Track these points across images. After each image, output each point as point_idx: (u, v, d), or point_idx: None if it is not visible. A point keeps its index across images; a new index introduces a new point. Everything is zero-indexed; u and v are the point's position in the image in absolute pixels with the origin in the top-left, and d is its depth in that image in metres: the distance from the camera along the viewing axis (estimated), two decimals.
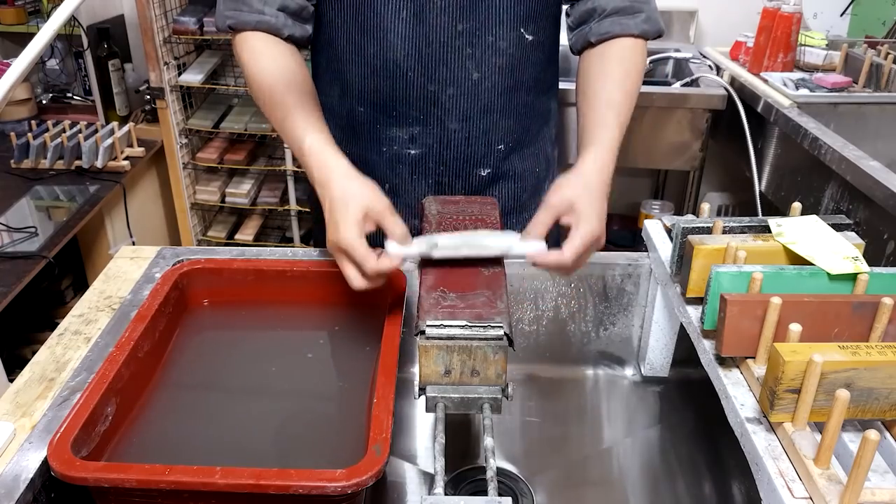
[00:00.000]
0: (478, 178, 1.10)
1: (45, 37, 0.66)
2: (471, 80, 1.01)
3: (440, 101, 1.02)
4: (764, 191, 1.78)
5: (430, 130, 1.04)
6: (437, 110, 1.03)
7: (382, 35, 0.98)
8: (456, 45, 0.98)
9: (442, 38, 0.98)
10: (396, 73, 1.00)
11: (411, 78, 1.00)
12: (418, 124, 1.04)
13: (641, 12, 0.99)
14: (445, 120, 1.04)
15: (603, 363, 1.06)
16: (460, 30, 0.98)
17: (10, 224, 1.82)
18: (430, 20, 0.97)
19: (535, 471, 0.92)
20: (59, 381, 0.78)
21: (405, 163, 1.08)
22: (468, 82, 1.01)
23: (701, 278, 0.76)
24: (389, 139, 1.06)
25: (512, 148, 1.09)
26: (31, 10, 2.42)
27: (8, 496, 0.64)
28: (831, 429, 0.55)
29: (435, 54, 0.99)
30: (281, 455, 0.73)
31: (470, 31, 0.98)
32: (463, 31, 0.98)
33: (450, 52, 0.99)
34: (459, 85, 1.01)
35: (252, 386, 0.82)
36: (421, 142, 1.05)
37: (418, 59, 0.99)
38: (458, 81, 1.01)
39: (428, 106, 1.03)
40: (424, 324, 0.70)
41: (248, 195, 2.46)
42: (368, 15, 0.98)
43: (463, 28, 0.98)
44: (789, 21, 1.82)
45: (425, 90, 1.01)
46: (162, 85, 2.26)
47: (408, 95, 1.02)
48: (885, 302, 0.64)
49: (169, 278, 0.89)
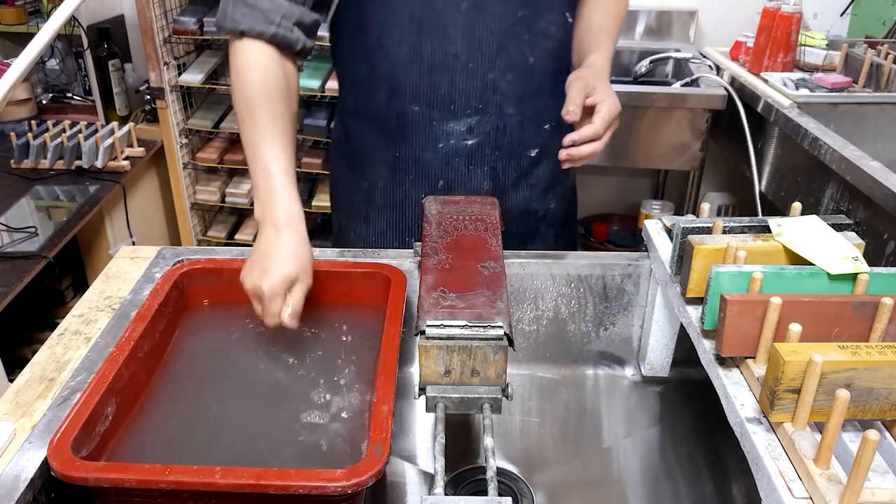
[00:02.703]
0: (528, 160, 1.12)
1: (45, 37, 0.66)
2: (527, 65, 1.05)
3: (499, 88, 1.04)
4: (764, 191, 1.78)
5: (488, 119, 1.06)
6: (496, 97, 1.05)
7: (441, 30, 1.00)
8: (516, 32, 1.02)
9: (503, 26, 1.01)
10: (456, 66, 1.02)
11: (472, 68, 1.02)
12: (476, 114, 1.06)
13: None
14: (503, 106, 1.06)
15: (603, 363, 1.06)
16: (520, 16, 1.01)
17: (10, 224, 1.81)
18: (491, 9, 0.99)
19: (535, 471, 0.92)
20: (59, 381, 0.78)
21: (462, 154, 1.08)
22: (525, 66, 1.04)
23: (701, 278, 0.76)
24: (446, 134, 1.07)
25: (555, 127, 1.11)
26: (31, 10, 2.42)
27: (8, 496, 0.64)
28: (831, 429, 0.55)
29: (495, 42, 1.01)
30: (281, 455, 0.73)
31: (528, 18, 1.02)
32: (522, 18, 1.01)
33: (509, 39, 1.02)
34: (517, 70, 1.04)
35: (252, 386, 0.82)
36: (478, 131, 1.07)
37: (479, 48, 1.01)
38: (516, 66, 1.04)
39: (487, 94, 1.04)
40: (424, 324, 0.70)
41: (248, 195, 2.46)
42: (425, 12, 0.99)
43: (523, 14, 1.01)
44: (789, 21, 1.82)
45: (485, 78, 1.03)
46: (162, 85, 2.26)
47: (468, 87, 1.04)
48: (885, 302, 0.64)
49: (169, 278, 0.89)
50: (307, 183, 2.50)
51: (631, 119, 1.94)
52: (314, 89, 2.25)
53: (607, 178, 2.59)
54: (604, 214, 2.56)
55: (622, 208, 2.59)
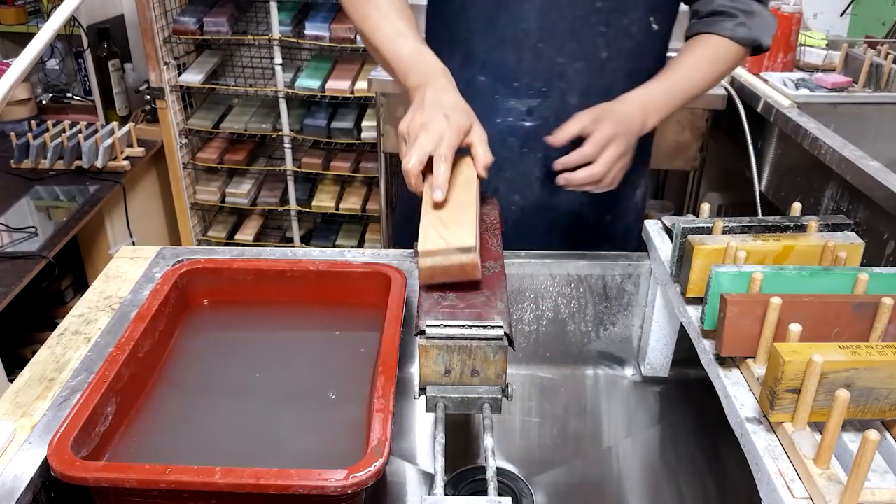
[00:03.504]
0: None
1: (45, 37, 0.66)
2: (599, 58, 1.03)
3: (566, 75, 1.04)
4: (764, 191, 1.78)
5: (550, 103, 1.06)
6: (562, 84, 1.04)
7: (518, 5, 1.00)
8: (591, 22, 1.01)
9: (578, 13, 1.00)
10: (526, 44, 1.02)
11: (541, 49, 1.02)
12: (539, 96, 1.05)
13: (736, 17, 1.05)
14: (567, 94, 1.05)
15: (603, 363, 1.06)
16: (598, 7, 1.00)
17: (10, 224, 1.82)
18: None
19: (535, 471, 0.92)
20: (59, 381, 0.78)
21: (518, 135, 1.08)
22: (596, 60, 1.03)
23: (701, 278, 0.76)
24: (507, 110, 1.07)
25: None
26: (31, 10, 2.42)
27: (8, 496, 0.64)
28: (831, 429, 0.55)
29: (568, 28, 1.01)
30: (281, 455, 0.73)
31: (607, 11, 1.01)
32: (601, 9, 1.01)
33: (584, 27, 1.01)
34: (587, 60, 1.03)
35: (252, 386, 0.82)
36: (538, 114, 1.06)
37: (551, 31, 1.01)
38: (586, 57, 1.03)
39: (553, 78, 1.04)
40: (424, 324, 0.70)
41: (248, 195, 2.46)
42: None
43: (602, 6, 1.00)
44: (789, 21, 1.82)
45: (553, 62, 1.03)
46: (162, 85, 2.26)
47: (535, 67, 1.03)
48: (885, 302, 0.64)
49: (169, 278, 0.89)
50: (307, 183, 2.50)
51: None
52: (314, 89, 2.25)
53: None
54: None
55: None
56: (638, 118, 0.96)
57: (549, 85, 1.05)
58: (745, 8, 1.05)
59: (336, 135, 2.35)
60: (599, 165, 0.91)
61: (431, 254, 0.72)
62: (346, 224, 2.57)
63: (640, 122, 0.97)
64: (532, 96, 1.05)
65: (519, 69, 1.04)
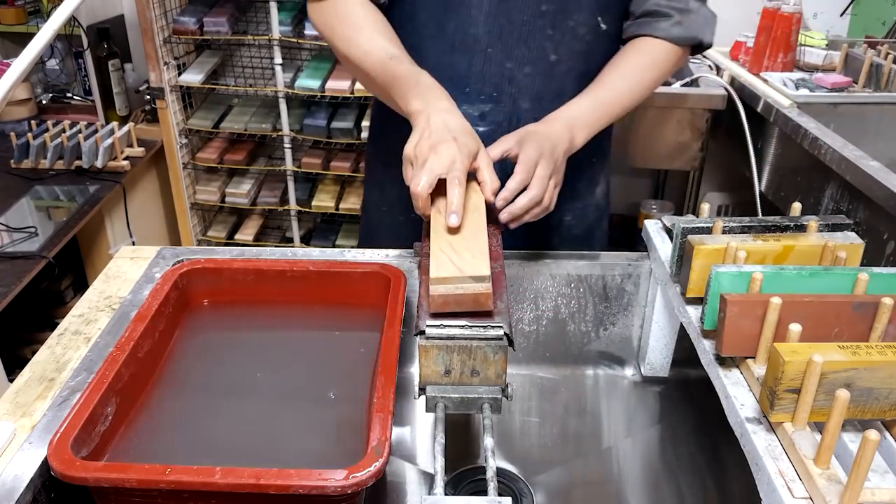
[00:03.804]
0: None
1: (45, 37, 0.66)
2: (548, 62, 1.03)
3: (516, 79, 1.04)
4: (764, 191, 1.78)
5: (502, 108, 1.06)
6: (512, 88, 1.05)
7: (465, 10, 1.00)
8: (538, 25, 1.01)
9: (525, 17, 1.00)
10: (475, 49, 1.02)
11: (490, 54, 1.02)
12: (491, 101, 1.05)
13: (671, 17, 1.03)
14: (518, 99, 1.05)
15: (603, 363, 1.06)
16: (544, 10, 1.00)
17: (10, 224, 1.82)
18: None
19: (535, 471, 0.92)
20: (59, 381, 0.78)
21: None
22: (545, 63, 1.03)
23: (701, 278, 0.76)
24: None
25: None
26: (31, 10, 2.42)
27: (8, 496, 0.64)
28: (831, 429, 0.55)
29: (516, 32, 1.01)
30: (281, 455, 0.73)
31: (553, 13, 1.01)
32: (547, 12, 1.00)
33: (531, 31, 1.01)
34: (536, 64, 1.03)
35: (252, 386, 0.82)
36: (491, 119, 1.07)
37: (499, 35, 1.01)
38: (535, 61, 1.03)
39: (503, 83, 1.04)
40: (424, 324, 0.70)
41: (248, 195, 2.46)
42: None
43: (547, 9, 1.00)
44: (789, 21, 1.82)
45: (503, 67, 1.03)
46: (162, 85, 2.26)
47: (485, 72, 1.04)
48: (885, 302, 0.64)
49: (169, 278, 0.89)
50: (307, 183, 2.50)
51: (631, 119, 1.94)
52: (314, 89, 2.25)
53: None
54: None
55: (622, 208, 2.59)
56: (564, 137, 0.94)
57: (500, 90, 1.05)
58: (680, 6, 1.03)
59: (336, 135, 2.35)
60: (535, 188, 0.87)
61: (444, 281, 0.71)
62: (346, 224, 2.56)
63: (567, 140, 0.94)
64: (484, 101, 1.05)
65: (469, 74, 1.04)
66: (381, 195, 1.20)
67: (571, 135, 0.96)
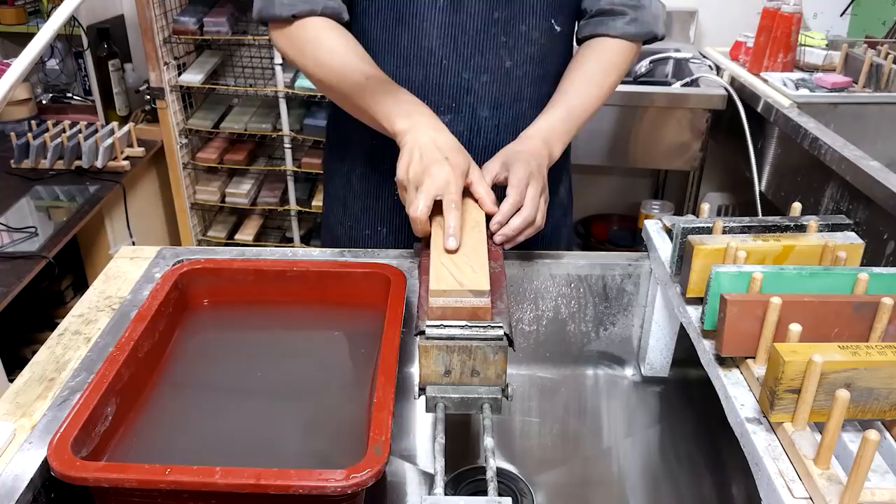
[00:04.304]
0: None
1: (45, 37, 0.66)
2: (503, 68, 1.04)
3: (473, 89, 1.04)
4: (764, 191, 1.78)
5: (462, 118, 1.06)
6: (470, 97, 1.05)
7: (418, 23, 1.00)
8: (491, 33, 1.01)
9: (478, 26, 1.00)
10: (430, 62, 1.02)
11: (445, 65, 1.02)
12: (450, 112, 1.05)
13: (625, 15, 1.04)
14: (477, 107, 1.05)
15: (603, 363, 1.06)
16: (496, 17, 1.00)
17: (10, 224, 1.82)
18: (466, 8, 0.99)
19: (535, 471, 0.92)
20: (59, 381, 0.78)
21: None
22: (501, 70, 1.04)
23: (701, 278, 0.76)
24: None
25: None
26: (31, 10, 2.42)
27: (8, 496, 0.64)
28: (831, 429, 0.55)
29: (470, 42, 1.01)
30: (281, 455, 0.73)
31: (505, 20, 1.01)
32: (498, 19, 1.00)
33: (485, 40, 1.01)
34: (493, 72, 1.03)
35: (252, 386, 0.82)
36: (452, 129, 1.04)
37: (453, 46, 1.01)
38: (491, 69, 1.03)
39: (461, 93, 1.04)
40: (424, 324, 0.70)
41: (248, 195, 2.46)
42: (404, 3, 0.99)
43: (499, 16, 1.00)
44: (789, 21, 1.82)
45: (459, 77, 1.03)
46: (162, 85, 2.26)
47: (441, 83, 1.04)
48: (885, 302, 0.64)
49: (169, 278, 0.89)
50: (307, 183, 2.50)
51: (631, 119, 1.94)
52: (314, 89, 2.25)
53: (607, 178, 2.59)
54: (604, 214, 2.56)
55: (622, 208, 2.59)
56: (544, 152, 0.96)
57: (458, 100, 1.05)
58: (633, 3, 1.04)
59: None
60: (528, 209, 0.88)
61: (444, 293, 0.71)
62: None
63: (547, 155, 0.96)
64: (443, 112, 1.04)
65: (426, 87, 1.03)
66: (343, 211, 1.19)
67: (550, 149, 0.98)
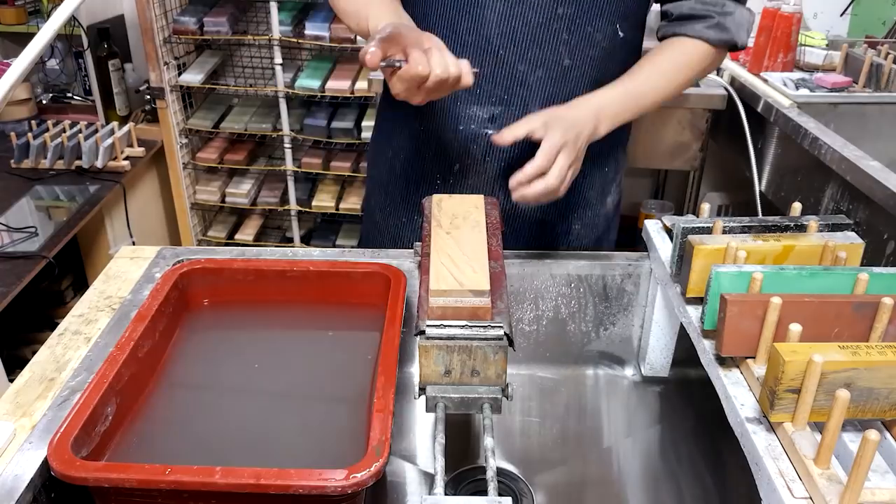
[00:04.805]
0: None
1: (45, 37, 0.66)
2: (561, 66, 1.02)
3: (527, 83, 1.03)
4: (764, 191, 1.78)
5: (512, 111, 1.04)
6: (523, 91, 1.03)
7: (478, 11, 0.99)
8: (553, 28, 0.99)
9: (540, 19, 0.99)
10: (487, 50, 1.01)
11: (502, 56, 1.01)
12: (501, 104, 1.04)
13: (708, 18, 1.02)
14: (529, 102, 1.04)
15: (603, 363, 1.06)
16: (560, 13, 0.99)
17: (10, 224, 1.82)
18: (530, 0, 0.98)
19: (535, 471, 0.92)
20: (59, 381, 0.78)
21: (480, 143, 1.07)
22: (558, 67, 1.02)
23: (701, 278, 0.76)
24: (468, 117, 1.06)
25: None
26: (31, 10, 2.42)
27: (8, 496, 0.64)
28: (831, 429, 0.55)
29: (530, 34, 1.00)
30: (281, 455, 0.73)
31: (570, 17, 0.99)
32: (563, 16, 0.99)
33: (545, 35, 1.00)
34: (549, 68, 1.02)
35: (252, 386, 0.82)
36: (500, 122, 1.05)
37: (512, 37, 1.00)
38: (548, 64, 1.02)
39: (514, 86, 1.03)
40: (424, 324, 0.70)
41: (248, 195, 2.46)
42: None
43: (563, 12, 0.99)
44: (789, 21, 1.82)
45: (514, 69, 1.02)
46: (162, 85, 2.26)
47: (495, 73, 1.02)
48: (885, 302, 0.64)
49: (169, 278, 0.89)
50: (307, 183, 2.50)
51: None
52: (314, 89, 2.25)
53: None
54: None
55: (622, 208, 2.58)
56: (589, 124, 0.94)
57: (511, 93, 1.03)
58: (717, 10, 1.02)
59: (336, 135, 2.34)
60: (553, 178, 0.87)
61: (444, 293, 0.71)
62: (346, 224, 2.56)
63: (592, 128, 0.94)
64: (494, 104, 1.04)
65: (480, 76, 1.01)
66: (385, 197, 1.19)
67: (596, 122, 0.95)
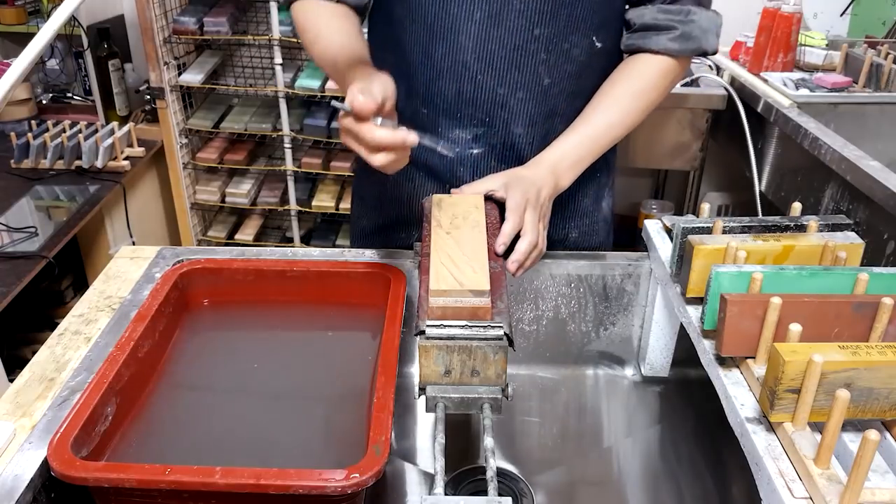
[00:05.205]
0: None
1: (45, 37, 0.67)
2: (541, 86, 1.01)
3: (508, 105, 1.01)
4: (764, 191, 1.78)
5: (495, 132, 1.04)
6: (504, 113, 1.02)
7: (453, 37, 0.98)
8: (531, 50, 0.98)
9: (517, 42, 0.97)
10: (465, 76, 1.00)
11: (480, 80, 1.00)
12: (483, 126, 1.03)
13: (671, 30, 1.00)
14: (511, 123, 1.03)
15: (603, 363, 1.06)
16: (537, 34, 0.97)
17: (10, 224, 1.82)
18: (505, 23, 0.96)
19: (535, 471, 0.92)
20: (59, 381, 0.78)
21: (466, 163, 1.07)
22: (538, 87, 1.01)
23: (701, 278, 0.76)
24: (451, 141, 1.05)
25: None
26: (31, 10, 2.42)
27: (8, 496, 0.64)
28: (831, 429, 0.55)
29: (507, 57, 0.98)
30: (281, 455, 0.73)
31: (547, 37, 0.97)
32: (540, 36, 0.97)
33: (523, 57, 0.98)
34: (530, 89, 1.01)
35: (252, 386, 0.82)
36: (485, 141, 1.05)
37: (489, 62, 0.98)
38: (529, 86, 1.00)
39: (495, 109, 1.02)
40: (424, 324, 0.70)
41: (248, 195, 2.46)
42: (440, 15, 0.97)
43: (540, 33, 0.97)
44: (789, 21, 1.82)
45: (494, 93, 1.01)
46: (162, 85, 2.26)
47: (475, 98, 1.01)
48: (885, 302, 0.64)
49: (169, 278, 0.89)
50: (307, 183, 2.50)
51: None
52: (314, 89, 2.25)
53: None
54: None
55: (622, 208, 2.59)
56: (548, 182, 0.95)
57: (492, 115, 1.02)
58: (679, 18, 0.99)
59: (336, 135, 2.34)
60: (529, 233, 0.88)
61: (444, 293, 0.71)
62: (346, 224, 2.56)
63: (551, 185, 0.95)
64: (476, 126, 1.03)
65: (459, 101, 1.02)
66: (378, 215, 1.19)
67: (555, 178, 0.96)
